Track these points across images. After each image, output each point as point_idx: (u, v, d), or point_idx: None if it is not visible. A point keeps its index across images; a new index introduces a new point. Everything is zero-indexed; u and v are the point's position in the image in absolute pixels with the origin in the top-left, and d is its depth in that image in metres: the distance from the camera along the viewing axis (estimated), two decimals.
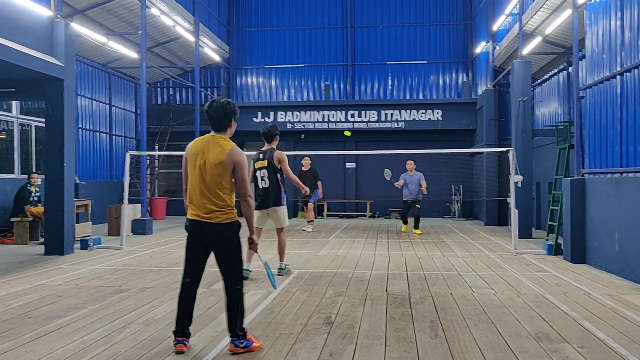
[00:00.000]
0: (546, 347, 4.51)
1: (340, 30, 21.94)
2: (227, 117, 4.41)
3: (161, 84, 22.16)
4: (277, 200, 7.57)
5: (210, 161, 4.27)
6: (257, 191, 7.55)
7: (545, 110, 16.35)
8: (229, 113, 4.40)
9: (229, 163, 4.27)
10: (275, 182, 7.53)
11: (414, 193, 13.93)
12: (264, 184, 7.50)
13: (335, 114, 20.12)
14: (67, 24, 10.40)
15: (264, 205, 7.56)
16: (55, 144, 10.24)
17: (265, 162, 7.52)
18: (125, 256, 9.95)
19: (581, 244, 9.05)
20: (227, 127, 4.44)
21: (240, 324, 4.38)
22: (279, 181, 7.58)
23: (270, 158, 7.53)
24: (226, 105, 4.40)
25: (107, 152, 18.59)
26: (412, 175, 14.00)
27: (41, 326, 5.14)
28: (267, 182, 7.50)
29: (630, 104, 7.70)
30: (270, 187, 7.51)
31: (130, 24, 16.54)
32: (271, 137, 7.71)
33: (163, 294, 6.60)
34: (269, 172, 7.49)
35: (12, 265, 8.91)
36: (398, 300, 6.31)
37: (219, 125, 4.41)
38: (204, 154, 4.31)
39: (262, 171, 7.51)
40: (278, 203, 7.58)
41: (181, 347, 4.37)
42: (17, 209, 12.22)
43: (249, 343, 4.38)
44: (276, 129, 7.81)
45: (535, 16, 12.53)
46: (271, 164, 7.51)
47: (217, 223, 4.30)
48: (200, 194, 4.29)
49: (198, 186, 4.30)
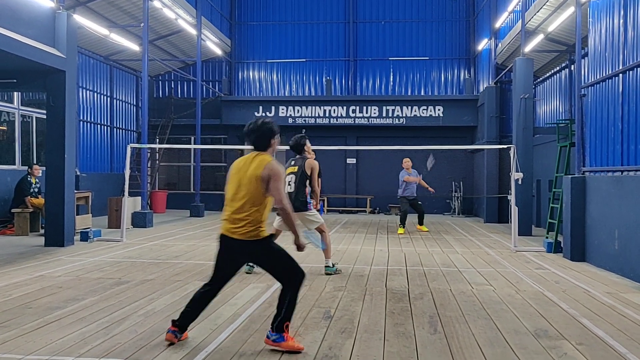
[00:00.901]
0: (545, 343, 4.52)
1: (343, 26, 21.90)
2: (265, 136, 4.41)
3: (163, 77, 22.13)
4: (303, 205, 7.49)
5: (248, 175, 4.29)
6: None
7: (547, 107, 16.35)
8: (266, 133, 4.41)
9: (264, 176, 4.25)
10: (301, 187, 7.53)
11: (413, 191, 13.89)
12: (289, 188, 7.50)
13: (337, 109, 20.11)
14: (69, 16, 10.38)
15: None
16: (56, 136, 10.24)
17: (296, 167, 7.62)
18: (125, 248, 9.96)
19: (581, 242, 9.05)
20: (267, 147, 4.44)
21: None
22: (305, 187, 7.57)
23: (302, 165, 7.63)
24: (262, 126, 4.42)
25: (108, 144, 18.58)
26: (410, 174, 13.95)
27: (41, 317, 5.16)
28: (292, 187, 7.53)
29: (632, 103, 7.69)
30: (296, 192, 7.50)
31: (132, 16, 16.50)
32: (300, 147, 7.79)
33: (163, 287, 6.61)
34: (297, 178, 7.54)
35: (12, 256, 8.92)
36: (397, 295, 6.33)
37: (259, 144, 4.43)
38: (243, 170, 4.35)
39: (290, 176, 7.58)
40: (303, 208, 7.49)
41: (172, 337, 4.38)
42: (18, 200, 12.23)
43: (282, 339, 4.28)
44: (305, 139, 7.82)
45: (538, 13, 12.49)
46: (302, 170, 7.59)
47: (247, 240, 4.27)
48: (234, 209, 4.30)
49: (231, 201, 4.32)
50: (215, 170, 21.61)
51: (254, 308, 5.63)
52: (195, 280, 7.02)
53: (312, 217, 7.60)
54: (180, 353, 4.19)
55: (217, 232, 4.47)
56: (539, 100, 17.00)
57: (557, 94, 15.34)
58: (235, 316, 5.30)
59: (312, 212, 7.64)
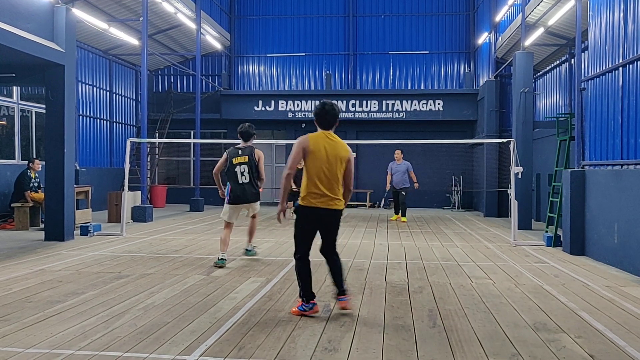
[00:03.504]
0: (544, 337, 4.53)
1: (342, 19, 21.85)
2: (336, 118, 5.18)
3: (162, 71, 22.09)
4: (257, 196, 7.83)
5: (339, 156, 5.07)
6: (236, 186, 7.66)
7: (547, 101, 16.34)
8: (337, 114, 5.18)
9: (349, 158, 5.17)
10: (255, 177, 7.74)
11: (399, 182, 14.47)
12: (244, 179, 7.62)
13: (337, 103, 20.01)
14: (68, 10, 10.35)
15: (243, 200, 7.71)
16: (56, 130, 10.23)
17: (246, 157, 7.66)
18: (125, 243, 9.97)
19: (580, 236, 9.06)
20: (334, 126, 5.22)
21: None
22: (257, 177, 7.80)
23: (250, 154, 7.69)
24: (334, 108, 5.16)
25: (108, 139, 18.58)
26: (399, 164, 14.56)
27: (41, 310, 5.17)
28: (247, 178, 7.64)
29: (632, 96, 7.68)
30: (251, 183, 7.68)
31: (132, 10, 16.46)
32: (249, 136, 7.82)
33: (162, 281, 6.62)
34: (250, 168, 7.66)
35: (12, 251, 8.93)
36: (397, 289, 6.34)
37: (331, 125, 5.17)
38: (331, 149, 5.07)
39: (243, 166, 7.64)
40: (258, 198, 7.87)
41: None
42: (17, 194, 12.23)
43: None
44: (253, 129, 7.91)
45: (538, 7, 12.46)
46: (252, 160, 7.68)
47: None
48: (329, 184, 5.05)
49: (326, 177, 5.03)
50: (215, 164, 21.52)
51: (253, 302, 5.64)
52: (195, 274, 7.03)
53: (257, 208, 8.07)
54: (180, 346, 4.20)
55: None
56: (538, 94, 16.98)
57: (557, 87, 15.33)
58: (235, 310, 5.31)
59: (257, 205, 8.04)
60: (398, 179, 14.42)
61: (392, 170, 14.59)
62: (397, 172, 14.45)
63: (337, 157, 5.04)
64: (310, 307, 5.09)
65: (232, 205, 7.70)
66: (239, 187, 7.65)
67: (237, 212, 7.88)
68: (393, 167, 14.59)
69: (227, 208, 7.78)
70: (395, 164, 14.59)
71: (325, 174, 5.00)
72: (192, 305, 5.46)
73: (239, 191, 7.66)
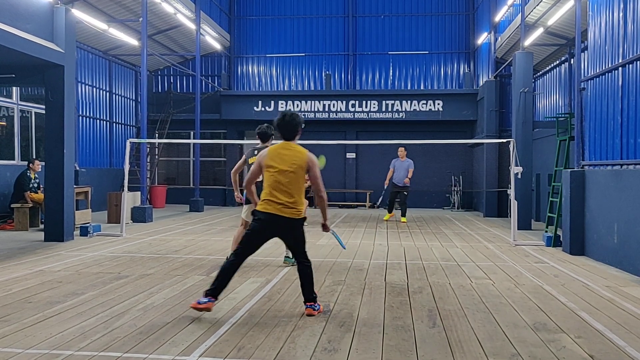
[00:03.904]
0: (543, 337, 4.53)
1: (342, 20, 21.85)
2: (296, 128, 5.19)
3: (162, 71, 22.09)
4: None
5: (297, 166, 5.05)
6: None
7: (546, 101, 16.34)
8: (296, 125, 5.18)
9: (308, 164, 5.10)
10: None
11: (401, 179, 14.50)
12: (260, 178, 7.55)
13: (336, 103, 20.09)
14: (68, 10, 10.35)
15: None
16: (55, 131, 10.23)
17: None
18: (125, 243, 9.97)
19: (580, 236, 9.06)
20: (296, 136, 5.24)
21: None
22: None
23: None
24: (292, 119, 5.16)
25: (107, 139, 18.58)
26: (403, 161, 14.63)
27: (41, 311, 5.17)
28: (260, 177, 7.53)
29: (632, 96, 7.68)
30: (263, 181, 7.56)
31: (131, 11, 16.46)
32: (267, 137, 7.79)
33: (162, 281, 6.62)
34: None
35: (12, 251, 8.93)
36: (397, 289, 6.34)
37: (290, 135, 5.20)
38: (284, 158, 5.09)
39: None
40: None
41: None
42: (17, 195, 12.23)
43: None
44: (272, 129, 7.80)
45: (538, 7, 12.47)
46: None
47: None
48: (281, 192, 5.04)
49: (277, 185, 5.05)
50: (214, 165, 21.61)
51: (253, 302, 5.63)
52: (195, 275, 7.03)
53: None
54: (179, 347, 4.19)
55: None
56: (538, 94, 16.99)
57: (557, 87, 15.33)
58: (234, 310, 5.31)
59: None
60: (400, 175, 14.48)
61: (394, 167, 14.63)
62: (400, 169, 14.51)
63: (293, 167, 5.01)
64: (204, 301, 4.96)
65: (248, 205, 7.58)
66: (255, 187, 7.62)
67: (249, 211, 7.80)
68: (396, 164, 14.65)
69: (246, 207, 7.69)
70: (398, 161, 14.65)
71: (284, 185, 5.00)
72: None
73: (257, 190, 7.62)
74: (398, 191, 14.63)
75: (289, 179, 5.00)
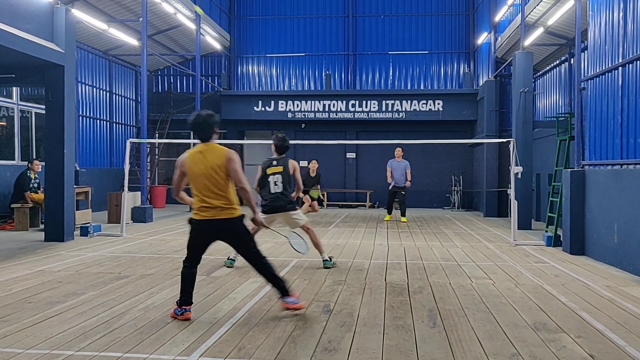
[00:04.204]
0: (544, 336, 4.53)
1: (342, 19, 21.85)
2: (212, 128, 5.01)
3: (162, 71, 22.08)
4: (289, 204, 7.53)
5: (214, 165, 4.89)
6: (268, 196, 7.46)
7: (546, 101, 16.33)
8: (212, 124, 5.01)
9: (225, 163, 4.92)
10: (288, 187, 7.56)
11: (398, 179, 14.51)
12: (276, 188, 7.44)
13: (336, 103, 20.08)
14: (68, 10, 10.35)
15: (276, 209, 7.47)
16: (56, 131, 10.23)
17: (281, 167, 7.52)
18: (125, 243, 9.97)
19: (580, 236, 9.06)
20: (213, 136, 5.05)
21: None
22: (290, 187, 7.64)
23: (285, 165, 7.56)
24: (209, 118, 5.00)
25: (107, 139, 18.58)
26: (399, 162, 14.65)
27: (41, 311, 5.17)
28: (280, 187, 7.45)
29: (632, 96, 7.68)
30: (283, 193, 7.47)
31: (131, 11, 16.46)
32: (285, 150, 7.72)
33: (162, 281, 6.62)
34: (283, 177, 7.48)
35: (12, 251, 8.93)
36: (397, 289, 6.34)
37: (208, 135, 5.01)
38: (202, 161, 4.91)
39: (276, 176, 7.48)
40: (291, 208, 7.54)
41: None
42: (17, 195, 12.23)
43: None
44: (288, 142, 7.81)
45: (538, 7, 12.46)
46: (286, 171, 7.54)
47: None
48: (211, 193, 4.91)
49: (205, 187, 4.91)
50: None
51: (253, 302, 5.64)
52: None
53: (297, 217, 7.61)
54: (180, 347, 4.20)
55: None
56: (538, 94, 16.98)
57: (557, 87, 15.33)
58: (234, 310, 5.31)
59: (297, 212, 7.65)
60: (397, 176, 14.50)
61: (392, 167, 14.64)
62: (397, 169, 14.53)
63: (212, 167, 4.86)
64: (180, 312, 4.94)
65: (266, 215, 7.37)
66: (270, 197, 7.45)
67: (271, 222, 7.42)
68: (393, 164, 14.66)
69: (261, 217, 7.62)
70: (395, 162, 14.66)
71: (209, 187, 4.86)
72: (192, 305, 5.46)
73: (270, 201, 7.45)
74: (396, 191, 14.67)
75: (215, 181, 4.87)
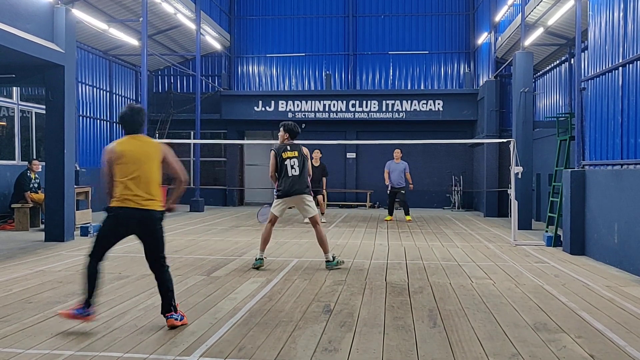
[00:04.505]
0: (544, 337, 4.53)
1: (342, 20, 21.85)
2: (142, 121, 5.06)
3: (162, 71, 22.09)
4: (306, 188, 7.64)
5: (150, 155, 4.90)
6: (285, 179, 7.55)
7: (547, 101, 16.34)
8: (140, 120, 5.00)
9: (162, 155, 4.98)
10: (304, 171, 7.66)
11: (397, 180, 14.54)
12: (294, 171, 7.55)
13: (337, 103, 20.09)
14: (68, 10, 10.35)
15: (292, 192, 7.55)
16: (56, 131, 10.23)
17: (296, 152, 7.65)
18: (125, 243, 9.87)
19: (580, 236, 9.06)
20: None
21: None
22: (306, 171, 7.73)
23: (300, 150, 7.71)
24: (136, 114, 4.95)
25: (108, 139, 18.56)
26: (398, 163, 14.65)
27: (41, 311, 5.17)
28: (297, 170, 7.57)
29: (632, 96, 7.68)
30: (302, 175, 7.60)
31: (131, 11, 16.46)
32: (296, 135, 7.87)
33: None
34: (300, 162, 7.61)
35: (12, 252, 8.93)
36: (397, 289, 6.34)
37: (136, 129, 4.98)
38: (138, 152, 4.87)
39: (293, 160, 7.59)
40: (307, 191, 7.65)
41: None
42: (17, 195, 12.23)
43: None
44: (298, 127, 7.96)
45: (538, 7, 12.46)
46: (302, 155, 7.68)
47: None
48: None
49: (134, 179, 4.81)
50: (215, 165, 21.59)
51: (253, 302, 5.64)
52: (196, 275, 7.03)
53: (310, 204, 7.69)
54: (180, 347, 4.20)
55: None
56: (538, 94, 16.98)
57: (557, 87, 15.33)
58: (235, 310, 5.31)
59: (310, 199, 7.72)
60: (396, 177, 14.50)
61: (390, 169, 14.65)
62: (395, 170, 14.54)
63: (148, 155, 4.86)
64: (83, 313, 4.65)
65: (281, 199, 7.61)
66: (288, 180, 7.55)
67: (285, 207, 7.74)
68: (391, 166, 14.68)
69: (276, 202, 7.72)
70: (393, 163, 14.68)
71: (139, 176, 4.78)
72: (192, 305, 5.47)
73: (288, 184, 7.54)
74: (396, 192, 14.65)
75: (148, 169, 4.84)
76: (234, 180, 20.96)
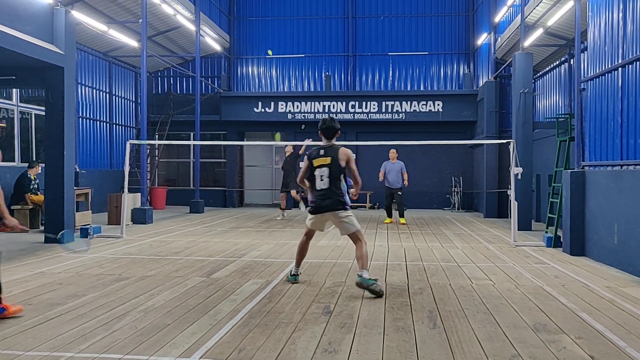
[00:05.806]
0: (544, 337, 4.53)
1: (342, 21, 21.85)
2: None
3: (161, 73, 22.09)
4: (338, 204, 6.35)
5: None
6: (315, 193, 6.43)
7: (546, 102, 16.33)
8: None
9: None
10: (336, 182, 6.35)
11: (393, 181, 14.49)
12: (322, 184, 6.33)
13: (336, 104, 20.09)
14: (68, 12, 10.36)
15: (323, 209, 6.37)
16: (56, 133, 10.23)
17: (328, 159, 6.34)
18: (125, 245, 9.97)
19: (580, 237, 9.06)
20: None
21: None
22: (340, 181, 6.40)
23: (335, 155, 6.36)
24: None
25: (107, 141, 18.58)
26: (394, 163, 14.63)
27: (41, 313, 5.17)
28: (326, 183, 6.32)
29: (632, 97, 7.68)
30: (331, 188, 6.32)
31: (131, 12, 16.46)
32: (333, 132, 6.52)
33: (163, 283, 6.62)
34: (331, 171, 6.32)
35: (12, 253, 8.92)
36: (397, 290, 6.33)
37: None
38: None
39: (323, 169, 6.34)
40: (340, 207, 6.35)
41: None
42: (17, 196, 12.23)
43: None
44: (337, 123, 6.58)
45: (538, 8, 12.47)
46: (335, 162, 6.34)
47: None
48: None
49: None
50: (214, 166, 21.60)
51: (253, 303, 5.63)
52: (196, 276, 7.03)
53: (348, 220, 6.38)
54: (180, 348, 4.19)
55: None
56: (538, 95, 16.98)
57: (557, 88, 15.32)
58: (235, 311, 5.31)
59: (348, 213, 6.40)
60: (392, 178, 14.47)
61: (386, 169, 14.63)
62: (391, 171, 14.51)
63: None
64: None
65: (312, 215, 6.48)
66: (317, 194, 6.40)
67: (320, 223, 6.57)
68: (387, 166, 14.65)
69: (309, 217, 6.61)
70: (389, 163, 14.65)
71: None
72: (192, 307, 5.46)
73: (317, 199, 6.40)
74: (392, 193, 14.58)
75: None
76: (233, 182, 20.95)
